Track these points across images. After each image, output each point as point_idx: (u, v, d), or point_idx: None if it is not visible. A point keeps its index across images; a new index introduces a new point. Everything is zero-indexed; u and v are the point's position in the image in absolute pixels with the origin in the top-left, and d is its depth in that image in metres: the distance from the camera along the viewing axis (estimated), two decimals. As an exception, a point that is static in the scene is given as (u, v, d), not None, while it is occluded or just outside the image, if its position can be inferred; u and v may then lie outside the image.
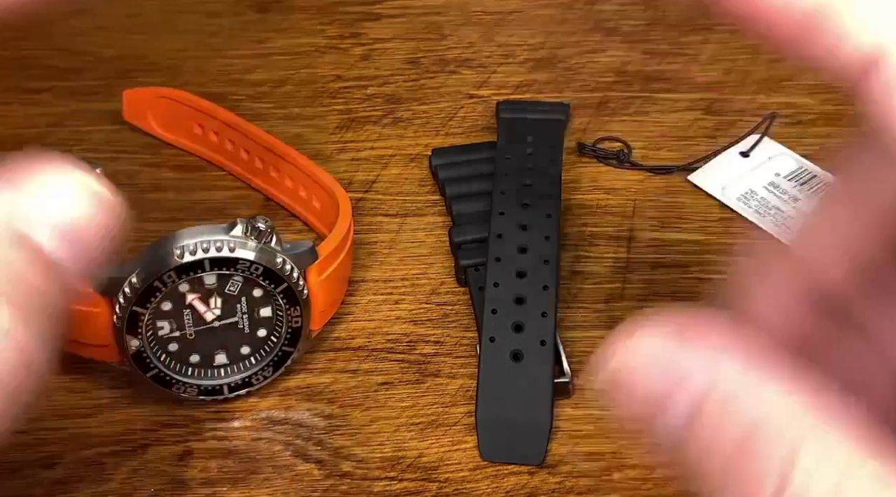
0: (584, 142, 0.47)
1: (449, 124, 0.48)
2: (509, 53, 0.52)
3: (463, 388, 0.37)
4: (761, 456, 0.20)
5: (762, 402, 0.21)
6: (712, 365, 0.21)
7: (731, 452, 0.20)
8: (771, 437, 0.20)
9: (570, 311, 0.40)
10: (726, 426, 0.21)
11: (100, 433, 0.36)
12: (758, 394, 0.21)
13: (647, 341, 0.22)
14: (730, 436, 0.20)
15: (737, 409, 0.21)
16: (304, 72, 0.51)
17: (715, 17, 0.47)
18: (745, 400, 0.21)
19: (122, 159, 0.47)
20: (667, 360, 0.22)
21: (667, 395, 0.21)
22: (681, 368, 0.21)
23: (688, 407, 0.21)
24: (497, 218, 0.41)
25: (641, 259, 0.42)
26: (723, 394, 0.21)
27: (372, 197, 0.45)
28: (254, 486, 0.34)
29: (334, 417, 0.37)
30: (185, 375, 0.36)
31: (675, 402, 0.21)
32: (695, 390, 0.21)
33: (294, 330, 0.36)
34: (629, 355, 0.22)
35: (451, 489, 0.34)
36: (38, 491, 0.34)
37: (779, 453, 0.20)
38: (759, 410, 0.20)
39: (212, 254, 0.33)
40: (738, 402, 0.21)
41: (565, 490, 0.34)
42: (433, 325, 0.40)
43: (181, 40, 0.54)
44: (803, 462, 0.20)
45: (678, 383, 0.21)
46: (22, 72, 0.52)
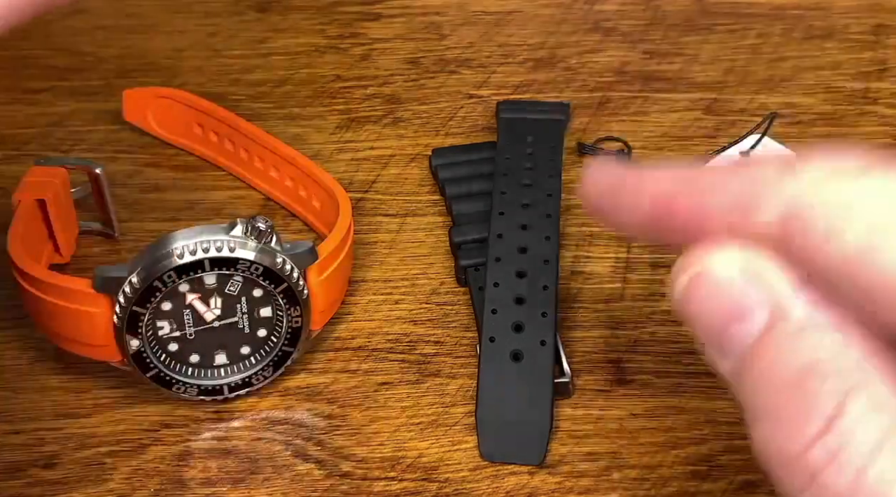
0: (584, 142, 0.47)
1: (449, 124, 0.48)
2: (509, 53, 0.52)
3: (463, 388, 0.37)
4: (814, 394, 0.20)
5: (825, 343, 0.21)
6: (786, 297, 0.22)
7: (787, 384, 0.21)
8: (827, 378, 0.21)
9: (570, 311, 0.40)
10: (788, 358, 0.21)
11: (100, 433, 0.36)
12: (822, 335, 0.21)
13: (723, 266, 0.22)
14: (789, 367, 0.21)
15: (802, 344, 0.21)
16: (304, 72, 0.52)
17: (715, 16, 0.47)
18: (810, 337, 0.21)
19: (122, 159, 0.47)
20: (741, 287, 0.22)
21: (739, 317, 0.22)
22: (755, 295, 0.22)
23: (756, 331, 0.22)
24: (497, 218, 0.41)
25: (641, 259, 0.42)
26: (792, 326, 0.21)
27: (372, 197, 0.45)
28: (254, 486, 0.34)
29: (334, 417, 0.37)
30: (185, 375, 0.36)
31: (745, 325, 0.22)
32: (765, 317, 0.22)
33: (294, 330, 0.36)
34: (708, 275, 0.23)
35: (451, 489, 0.34)
36: (38, 491, 0.34)
37: (832, 395, 0.20)
38: (821, 350, 0.21)
39: (212, 254, 0.33)
40: (804, 338, 0.21)
41: (565, 490, 0.34)
42: (433, 325, 0.40)
43: (181, 40, 0.54)
44: (853, 408, 0.20)
45: (752, 307, 0.22)
46: (22, 72, 0.52)
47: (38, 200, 0.39)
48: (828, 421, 0.20)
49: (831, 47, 0.52)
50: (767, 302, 0.22)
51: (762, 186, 0.22)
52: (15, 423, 0.36)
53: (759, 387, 0.21)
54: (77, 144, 0.47)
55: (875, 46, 0.52)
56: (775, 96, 0.49)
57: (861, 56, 0.52)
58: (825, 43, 0.53)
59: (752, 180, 0.23)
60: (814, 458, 0.20)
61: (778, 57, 0.52)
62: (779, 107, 0.48)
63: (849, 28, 0.53)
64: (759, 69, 0.51)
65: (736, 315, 0.22)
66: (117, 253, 0.43)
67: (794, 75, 0.50)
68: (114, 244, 0.43)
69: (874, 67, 0.51)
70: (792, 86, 0.50)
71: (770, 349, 0.21)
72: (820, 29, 0.53)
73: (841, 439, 0.20)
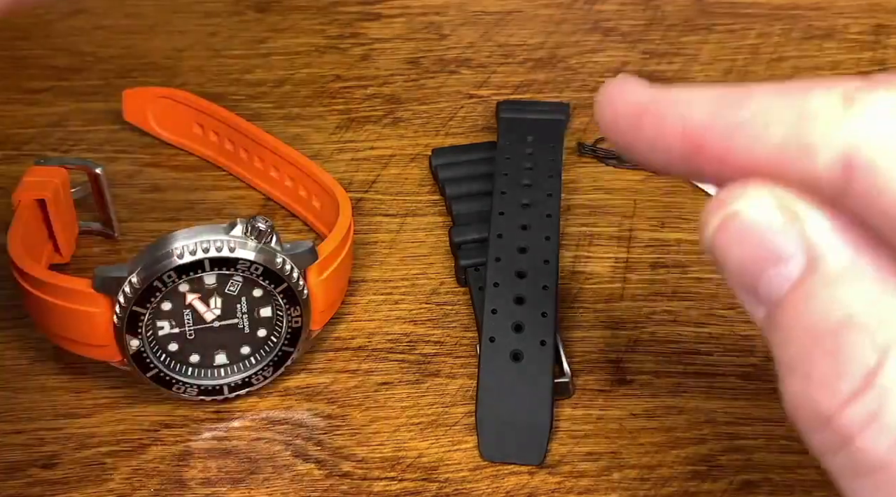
0: (584, 142, 0.47)
1: (449, 124, 0.48)
2: (509, 53, 0.52)
3: (463, 388, 0.37)
4: (851, 347, 0.19)
5: (865, 292, 0.19)
6: (825, 242, 0.20)
7: (822, 335, 0.19)
8: (866, 330, 0.19)
9: (570, 311, 0.40)
10: (824, 307, 0.20)
11: (100, 433, 0.36)
12: (862, 284, 0.20)
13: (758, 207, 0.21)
14: (825, 318, 0.19)
15: (839, 293, 0.20)
16: (304, 72, 0.52)
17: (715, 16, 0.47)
18: (849, 286, 0.20)
19: (122, 159, 0.47)
20: (776, 229, 0.21)
21: (774, 262, 0.20)
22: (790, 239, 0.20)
23: (792, 277, 0.20)
24: (497, 218, 0.41)
25: (641, 259, 0.42)
26: (830, 274, 0.20)
27: (372, 197, 0.45)
28: (254, 486, 0.34)
29: (334, 417, 0.37)
30: (185, 375, 0.36)
31: (780, 271, 0.20)
32: (802, 263, 0.20)
33: (294, 330, 0.36)
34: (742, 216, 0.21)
35: (451, 489, 0.34)
36: (38, 491, 0.34)
37: (870, 349, 0.19)
38: (860, 300, 0.19)
39: (212, 254, 0.33)
40: (842, 287, 0.20)
41: (565, 490, 0.34)
42: (433, 325, 0.40)
43: (180, 40, 0.54)
44: (889, 375, 0.18)
45: (788, 252, 0.20)
46: (22, 72, 0.52)
47: (38, 200, 0.39)
48: (866, 378, 0.18)
49: (831, 47, 0.52)
50: (804, 247, 0.20)
51: (819, 123, 0.20)
52: (15, 423, 0.36)
53: (792, 338, 0.20)
54: (77, 144, 0.47)
55: (875, 46, 0.52)
56: (775, 96, 0.49)
57: (861, 56, 0.52)
58: (825, 43, 0.53)
59: (807, 115, 0.20)
60: (849, 418, 0.18)
61: (778, 57, 0.52)
62: (779, 107, 0.48)
63: (849, 28, 0.53)
64: (759, 69, 0.51)
65: (771, 260, 0.20)
66: (117, 253, 0.43)
67: (793, 75, 0.50)
68: (114, 244, 0.43)
69: (874, 67, 0.51)
70: (792, 86, 0.50)
71: (805, 297, 0.20)
72: (820, 29, 0.53)
73: (880, 399, 0.18)
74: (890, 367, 0.18)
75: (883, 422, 0.18)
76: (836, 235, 0.20)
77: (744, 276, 0.21)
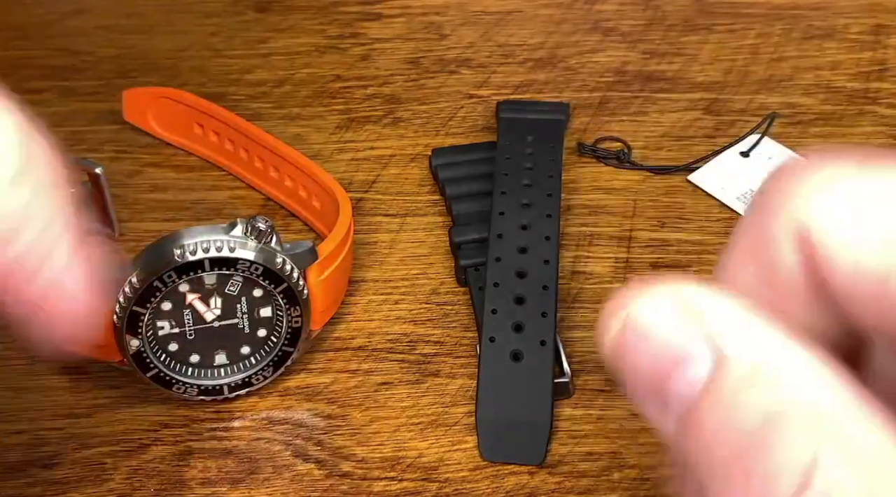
0: (584, 142, 0.47)
1: (449, 124, 0.48)
2: (509, 53, 0.52)
3: (463, 388, 0.37)
4: (782, 448, 0.17)
5: (787, 386, 0.18)
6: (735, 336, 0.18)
7: (747, 440, 0.17)
8: (793, 427, 0.17)
9: (570, 311, 0.40)
10: (744, 409, 0.18)
11: (100, 433, 0.36)
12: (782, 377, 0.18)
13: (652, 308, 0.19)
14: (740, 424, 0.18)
15: (758, 391, 0.18)
16: (304, 72, 0.52)
17: (714, 16, 0.47)
18: (768, 382, 0.18)
19: (122, 159, 0.47)
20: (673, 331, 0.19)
21: (676, 367, 0.19)
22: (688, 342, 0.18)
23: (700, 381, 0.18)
24: (497, 218, 0.41)
25: (641, 259, 0.42)
26: (743, 371, 0.18)
27: (372, 197, 0.45)
28: (254, 486, 0.34)
29: (334, 417, 0.37)
30: (185, 375, 0.36)
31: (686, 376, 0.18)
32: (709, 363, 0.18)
33: (294, 330, 0.36)
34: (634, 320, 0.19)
35: (451, 489, 0.34)
36: (38, 491, 0.34)
37: (803, 445, 0.17)
38: (780, 396, 0.18)
39: (212, 254, 0.33)
40: (760, 385, 0.18)
41: (565, 490, 0.34)
42: (433, 325, 0.40)
43: (180, 40, 0.54)
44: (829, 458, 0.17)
45: (691, 354, 0.18)
46: (22, 72, 0.52)
47: (38, 200, 0.39)
48: (803, 477, 0.17)
49: (831, 47, 0.52)
50: (710, 345, 0.18)
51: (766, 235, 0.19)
52: (15, 423, 0.36)
53: (714, 445, 0.18)
54: (78, 144, 0.47)
55: (875, 46, 0.52)
56: (775, 96, 0.49)
57: (861, 56, 0.52)
58: (825, 43, 0.53)
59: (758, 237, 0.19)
60: None
61: (778, 57, 0.52)
62: (779, 107, 0.48)
63: (849, 28, 0.53)
64: (759, 69, 0.51)
65: (675, 363, 0.18)
66: (117, 253, 0.43)
67: (793, 75, 0.51)
68: (114, 244, 0.43)
69: (874, 67, 0.51)
70: (792, 86, 0.50)
71: (719, 401, 0.18)
72: (820, 29, 0.53)
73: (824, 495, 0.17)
74: (826, 462, 0.17)
75: None
76: (751, 329, 0.18)
77: (648, 387, 0.19)
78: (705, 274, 0.41)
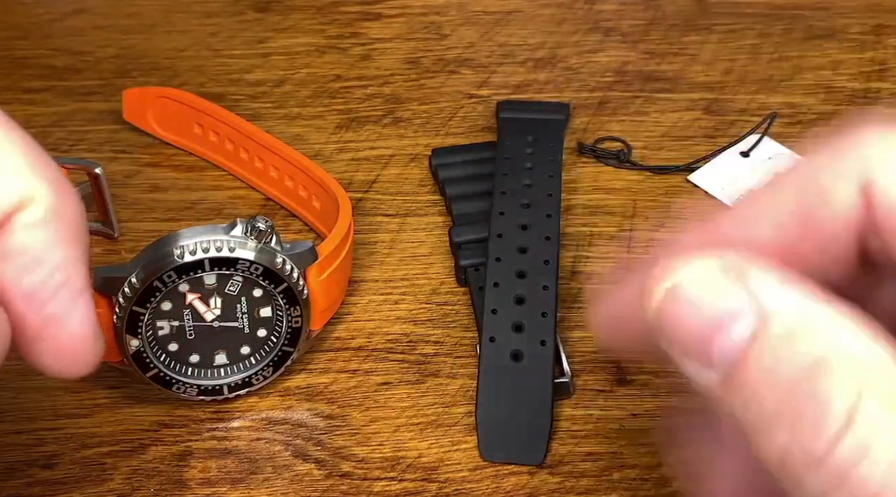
0: (584, 142, 0.47)
1: (449, 124, 0.48)
2: (509, 53, 0.52)
3: (463, 388, 0.37)
4: (826, 391, 0.19)
5: (822, 339, 0.20)
6: (772, 297, 0.20)
7: (792, 385, 0.19)
8: (835, 374, 0.19)
9: (570, 311, 0.40)
10: (787, 360, 0.20)
11: (100, 433, 0.36)
12: (818, 332, 0.20)
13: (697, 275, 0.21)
14: (791, 369, 0.19)
15: (797, 345, 0.20)
16: (304, 72, 0.52)
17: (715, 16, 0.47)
18: (804, 337, 0.20)
19: (122, 159, 0.47)
20: (718, 294, 0.21)
21: (723, 326, 0.20)
22: (738, 299, 0.20)
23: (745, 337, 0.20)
24: (497, 218, 0.41)
25: (641, 259, 0.42)
26: (782, 328, 0.20)
27: (372, 197, 0.45)
28: (254, 486, 0.34)
29: (334, 417, 0.37)
30: (185, 375, 0.36)
31: (732, 333, 0.20)
32: (751, 322, 0.20)
33: (294, 330, 0.36)
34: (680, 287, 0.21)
35: (451, 489, 0.34)
36: (38, 491, 0.34)
37: (845, 388, 0.19)
38: (820, 347, 0.19)
39: (212, 254, 0.33)
40: (799, 339, 0.20)
41: (565, 490, 0.34)
42: (433, 325, 0.40)
43: (180, 40, 0.54)
44: (871, 400, 0.19)
45: (736, 314, 0.20)
46: (21, 72, 0.52)
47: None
48: (849, 414, 0.19)
49: (831, 47, 0.52)
50: (751, 306, 0.20)
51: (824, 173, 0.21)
52: (15, 423, 0.36)
53: (761, 393, 0.20)
54: (77, 144, 0.47)
55: (875, 46, 0.52)
56: (775, 96, 0.49)
57: (861, 56, 0.52)
58: (825, 43, 0.53)
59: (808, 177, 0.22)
60: (842, 455, 0.19)
61: (778, 57, 0.52)
62: (779, 107, 0.48)
63: (849, 28, 0.53)
64: (759, 69, 0.51)
65: (719, 324, 0.21)
66: (117, 253, 0.43)
67: (794, 75, 0.51)
68: (114, 244, 0.43)
69: (874, 67, 0.51)
70: (792, 86, 0.50)
71: (766, 353, 0.20)
72: (820, 29, 0.53)
73: (867, 430, 0.18)
74: (869, 400, 0.19)
75: (874, 451, 0.18)
76: (784, 288, 0.20)
77: (694, 345, 0.21)
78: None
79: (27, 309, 0.24)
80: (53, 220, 0.24)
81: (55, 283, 0.24)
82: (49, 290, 0.24)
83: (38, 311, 0.24)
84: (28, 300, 0.24)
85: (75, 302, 0.24)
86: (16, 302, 0.24)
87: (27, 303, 0.24)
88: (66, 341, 0.25)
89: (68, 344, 0.25)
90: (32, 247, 0.24)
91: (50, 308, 0.24)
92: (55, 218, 0.24)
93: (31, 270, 0.24)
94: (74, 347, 0.25)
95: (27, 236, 0.23)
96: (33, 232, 0.24)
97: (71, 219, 0.24)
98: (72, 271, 0.24)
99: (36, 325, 0.24)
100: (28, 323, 0.24)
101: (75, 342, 0.25)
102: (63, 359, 0.25)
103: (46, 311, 0.24)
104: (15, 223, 0.23)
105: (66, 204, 0.24)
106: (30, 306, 0.24)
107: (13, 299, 0.24)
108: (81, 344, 0.25)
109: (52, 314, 0.24)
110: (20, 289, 0.24)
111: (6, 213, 0.23)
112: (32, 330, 0.24)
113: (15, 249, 0.23)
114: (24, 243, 0.24)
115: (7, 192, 0.23)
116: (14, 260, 0.23)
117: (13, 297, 0.24)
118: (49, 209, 0.24)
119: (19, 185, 0.24)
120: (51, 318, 0.24)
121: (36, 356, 0.25)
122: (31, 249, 0.24)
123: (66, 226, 0.24)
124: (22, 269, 0.24)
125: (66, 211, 0.24)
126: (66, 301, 0.24)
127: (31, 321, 0.24)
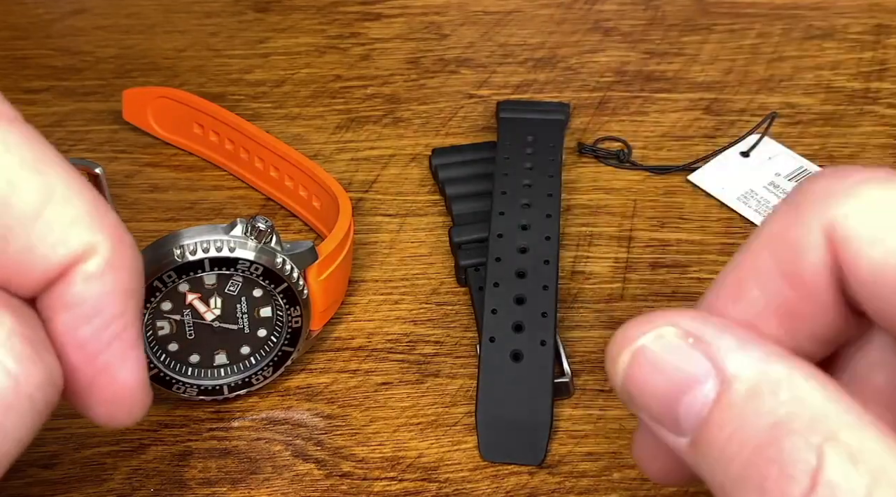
0: (584, 142, 0.47)
1: (449, 124, 0.48)
2: (509, 53, 0.52)
3: (463, 388, 0.37)
4: (789, 451, 0.19)
5: (785, 397, 0.20)
6: (731, 358, 0.21)
7: (758, 447, 0.20)
8: (796, 433, 0.19)
9: (570, 311, 0.40)
10: (750, 421, 0.20)
11: (99, 433, 0.36)
12: (779, 390, 0.20)
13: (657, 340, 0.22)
14: (755, 430, 0.20)
15: (760, 404, 0.20)
16: (304, 72, 0.52)
17: (715, 16, 0.47)
18: (767, 396, 0.20)
19: (122, 159, 0.47)
20: (679, 358, 0.21)
21: (688, 388, 0.21)
22: (699, 363, 0.21)
23: (709, 399, 0.21)
24: (497, 218, 0.41)
25: (641, 259, 0.42)
26: (744, 388, 0.20)
27: (372, 197, 0.45)
28: (254, 486, 0.34)
29: (334, 417, 0.37)
30: (185, 375, 0.36)
31: (697, 395, 0.21)
32: (715, 383, 0.21)
33: (294, 330, 0.36)
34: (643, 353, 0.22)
35: (451, 489, 0.34)
36: (38, 491, 0.34)
37: (807, 449, 0.19)
38: (782, 406, 0.20)
39: (212, 254, 0.33)
40: (761, 398, 0.20)
41: (565, 490, 0.34)
42: (433, 325, 0.40)
43: (180, 40, 0.54)
44: (833, 459, 0.19)
45: (699, 376, 0.21)
46: (21, 72, 0.52)
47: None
48: (811, 477, 0.19)
49: (831, 47, 0.52)
50: (713, 367, 0.21)
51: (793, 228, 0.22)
52: (15, 423, 0.36)
53: (728, 456, 0.20)
54: (77, 144, 0.47)
55: (875, 46, 0.52)
56: (775, 96, 0.49)
57: (861, 56, 0.52)
58: (825, 43, 0.53)
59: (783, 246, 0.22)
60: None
61: (778, 57, 0.52)
62: (779, 107, 0.48)
63: (849, 28, 0.53)
64: (759, 69, 0.51)
65: (684, 386, 0.21)
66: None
67: (793, 75, 0.51)
68: (114, 244, 0.43)
69: (874, 67, 0.51)
70: (792, 86, 0.50)
71: (729, 415, 0.20)
72: (820, 29, 0.53)
73: (830, 493, 0.19)
74: (830, 461, 0.19)
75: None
76: (745, 348, 0.21)
77: (662, 408, 0.21)
78: (705, 275, 0.41)
79: (81, 359, 0.24)
80: (112, 271, 0.24)
81: (110, 335, 0.24)
82: (103, 342, 0.24)
83: (92, 362, 0.24)
84: (82, 350, 0.24)
85: (128, 353, 0.25)
86: (70, 351, 0.24)
87: (81, 352, 0.24)
88: (116, 391, 0.25)
89: (119, 394, 0.25)
90: (90, 298, 0.24)
91: (103, 358, 0.24)
92: (114, 270, 0.24)
93: (88, 321, 0.24)
94: (124, 398, 0.25)
95: (86, 288, 0.24)
96: (92, 283, 0.24)
97: (128, 270, 0.24)
98: (127, 323, 0.24)
99: (88, 375, 0.24)
100: (81, 373, 0.24)
101: (126, 393, 0.25)
102: (112, 408, 0.25)
103: (100, 361, 0.24)
104: (76, 274, 0.23)
105: (124, 256, 0.24)
106: (84, 356, 0.24)
107: (68, 349, 0.24)
108: (131, 395, 0.25)
109: (105, 365, 0.24)
110: (76, 339, 0.24)
111: (68, 265, 0.23)
112: (85, 380, 0.24)
113: (74, 300, 0.24)
114: (82, 294, 0.24)
115: (70, 243, 0.23)
116: (72, 311, 0.24)
117: (68, 346, 0.24)
118: (108, 261, 0.24)
119: (82, 236, 0.24)
120: (103, 369, 0.24)
121: (86, 405, 0.25)
122: (90, 300, 0.24)
123: (123, 277, 0.24)
124: (79, 319, 0.24)
125: (125, 263, 0.24)
126: (119, 352, 0.24)
127: (84, 371, 0.24)
